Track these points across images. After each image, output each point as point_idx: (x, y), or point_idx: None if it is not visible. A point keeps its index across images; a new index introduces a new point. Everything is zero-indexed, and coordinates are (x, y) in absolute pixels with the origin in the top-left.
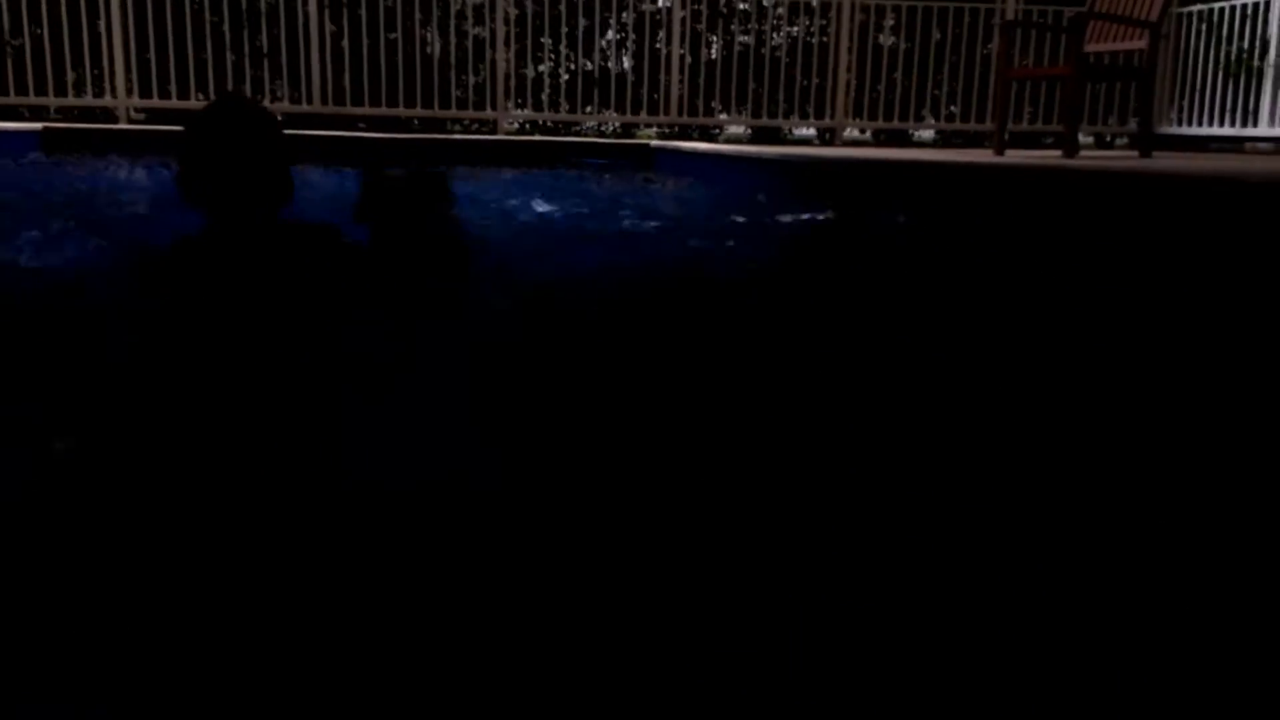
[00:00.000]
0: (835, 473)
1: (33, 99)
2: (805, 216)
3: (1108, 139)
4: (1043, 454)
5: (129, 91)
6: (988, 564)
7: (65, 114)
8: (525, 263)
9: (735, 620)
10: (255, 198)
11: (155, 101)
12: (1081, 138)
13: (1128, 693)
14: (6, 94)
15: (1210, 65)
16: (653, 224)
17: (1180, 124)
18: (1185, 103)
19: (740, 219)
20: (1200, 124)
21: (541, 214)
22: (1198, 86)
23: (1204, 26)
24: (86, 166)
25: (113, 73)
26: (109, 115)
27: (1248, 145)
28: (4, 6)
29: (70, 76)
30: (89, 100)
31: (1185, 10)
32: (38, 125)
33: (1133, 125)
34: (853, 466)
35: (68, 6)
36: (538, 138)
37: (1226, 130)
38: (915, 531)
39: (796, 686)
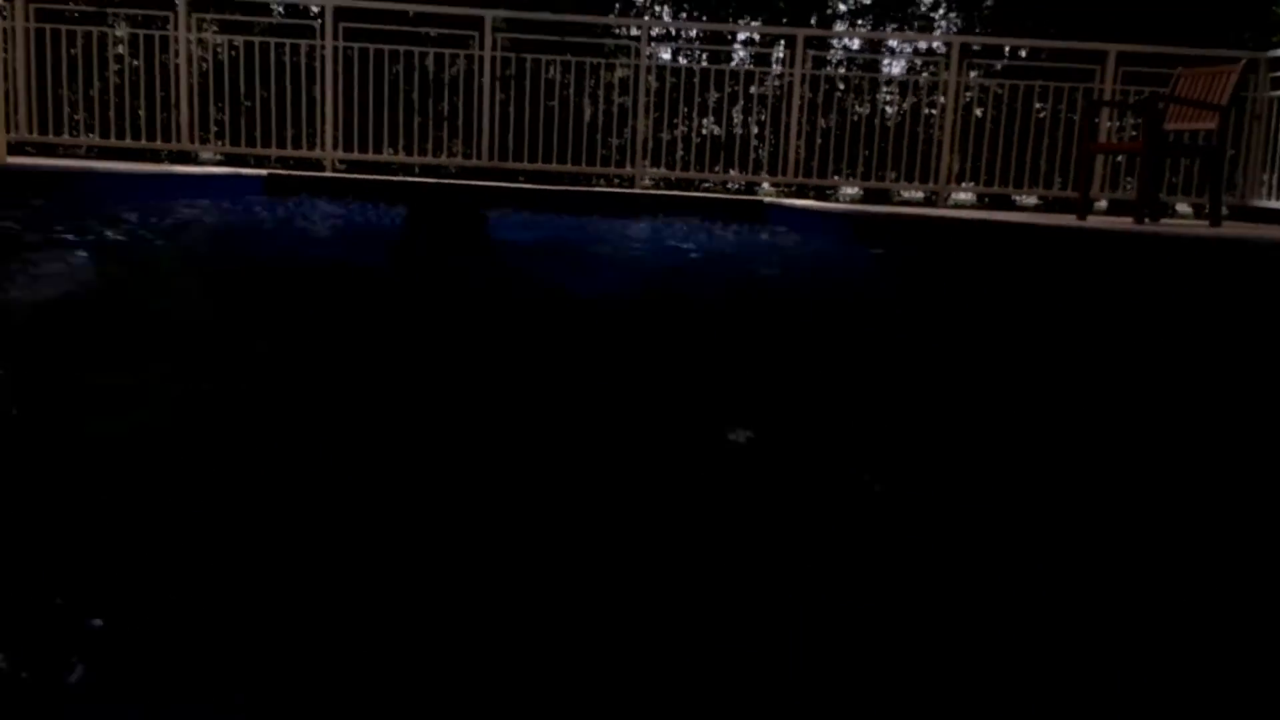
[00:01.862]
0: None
1: (259, 149)
2: (869, 253)
3: (1205, 210)
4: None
5: (335, 145)
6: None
7: (282, 162)
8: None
9: (736, 621)
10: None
11: (355, 154)
12: (1183, 208)
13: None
14: (238, 144)
15: None
16: (763, 261)
17: (1275, 198)
18: (1277, 178)
19: (826, 257)
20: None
21: (673, 249)
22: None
23: None
24: (301, 205)
25: (324, 130)
26: (317, 165)
27: None
28: (240, 73)
29: (289, 132)
30: (303, 152)
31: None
32: (263, 171)
33: (1233, 198)
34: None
35: (291, 74)
36: (669, 192)
37: None
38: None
39: (797, 687)
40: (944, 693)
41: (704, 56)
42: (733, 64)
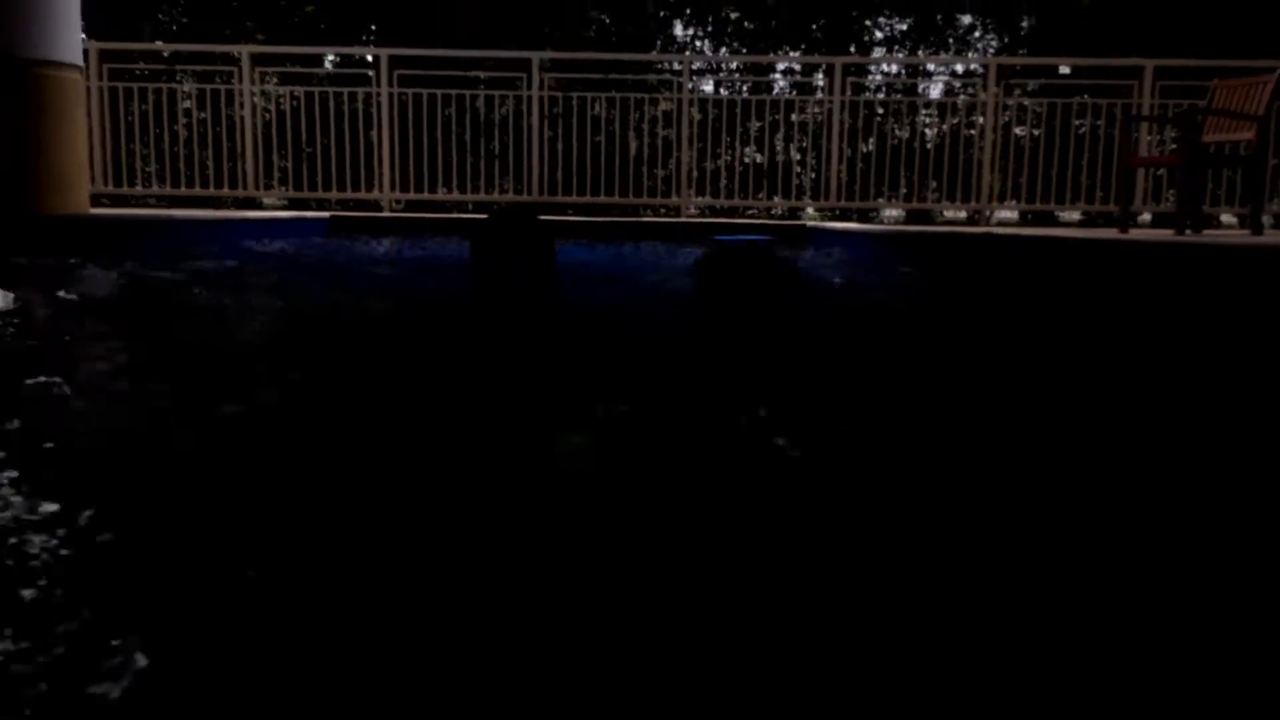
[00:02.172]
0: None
1: (319, 193)
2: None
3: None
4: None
5: (393, 187)
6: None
7: (342, 204)
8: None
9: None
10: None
11: (411, 194)
12: (1227, 218)
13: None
14: (301, 189)
15: None
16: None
17: None
18: None
19: (866, 273)
20: None
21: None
22: None
23: None
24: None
25: (381, 173)
26: (375, 205)
27: None
28: (301, 121)
29: (349, 175)
30: (361, 194)
31: None
32: (326, 214)
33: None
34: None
35: (349, 121)
36: (715, 219)
37: None
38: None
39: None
40: (944, 693)
41: (745, 87)
42: (773, 93)
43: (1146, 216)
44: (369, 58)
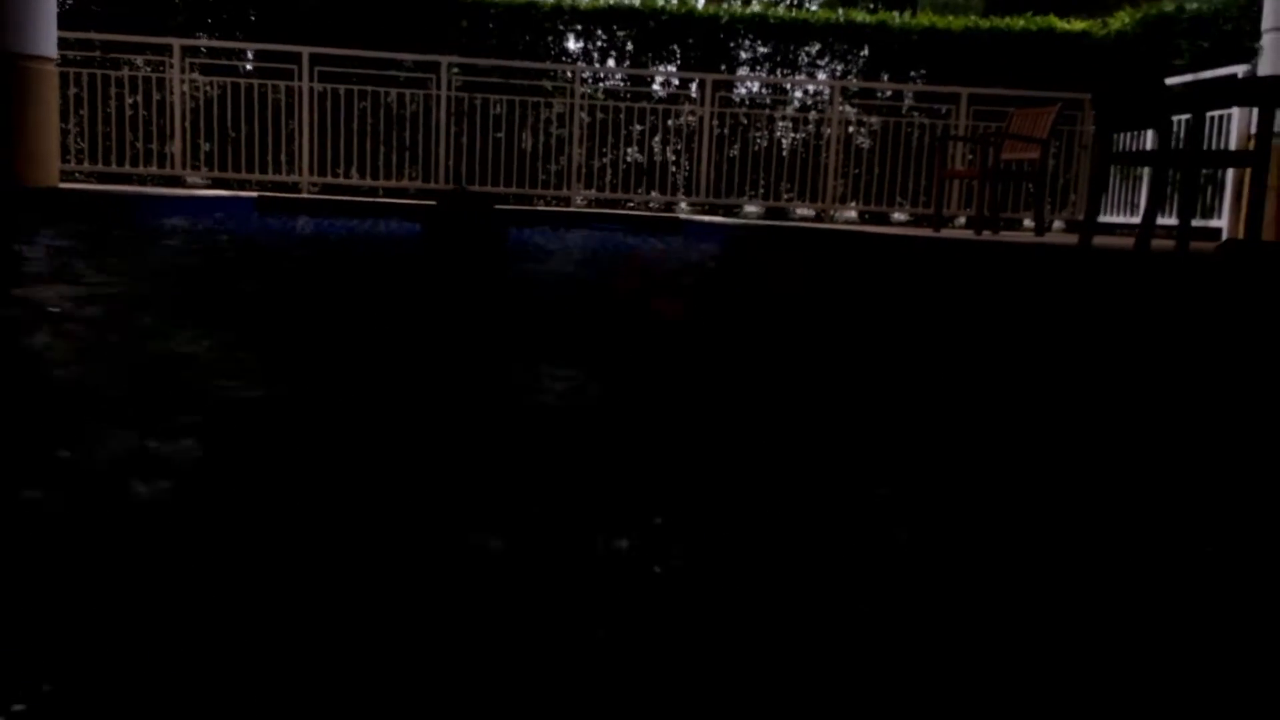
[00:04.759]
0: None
1: (244, 174)
2: (754, 256)
3: (1050, 225)
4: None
5: (311, 171)
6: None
7: (261, 185)
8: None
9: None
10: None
11: (328, 178)
12: (1028, 222)
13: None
14: (226, 170)
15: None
16: (673, 257)
17: (1106, 213)
18: (1112, 199)
19: (720, 258)
20: (1118, 214)
21: (604, 249)
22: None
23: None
24: (288, 220)
25: (300, 157)
26: (295, 188)
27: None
28: (228, 109)
29: (270, 159)
30: (282, 176)
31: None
32: (254, 193)
33: (1070, 213)
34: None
35: (273, 111)
36: (602, 210)
37: (1129, 219)
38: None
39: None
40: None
41: (629, 95)
42: (653, 101)
43: (962, 219)
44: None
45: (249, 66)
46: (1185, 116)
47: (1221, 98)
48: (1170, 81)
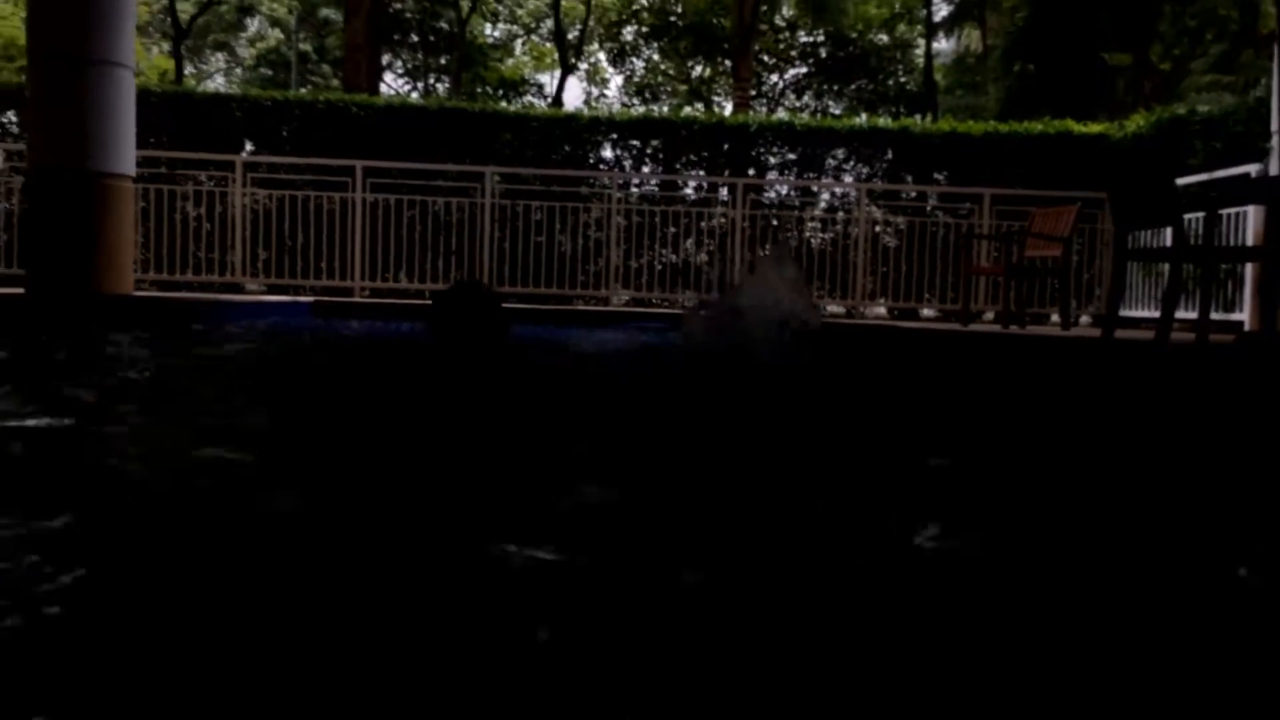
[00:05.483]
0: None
1: (298, 280)
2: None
3: (1077, 319)
4: None
5: (363, 275)
6: None
7: (314, 290)
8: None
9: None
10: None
11: (378, 283)
12: (1055, 317)
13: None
14: (282, 276)
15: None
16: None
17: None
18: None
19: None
20: (1143, 308)
21: (641, 344)
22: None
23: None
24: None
25: (354, 263)
26: (349, 291)
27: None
28: (286, 217)
29: (325, 265)
30: (336, 282)
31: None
32: (311, 298)
33: (1096, 308)
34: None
35: (327, 219)
36: (636, 309)
37: (1152, 313)
38: None
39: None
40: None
41: (663, 199)
42: (686, 205)
43: (989, 315)
44: (349, 166)
45: (307, 178)
46: (1199, 214)
47: (1232, 197)
48: (1184, 180)
